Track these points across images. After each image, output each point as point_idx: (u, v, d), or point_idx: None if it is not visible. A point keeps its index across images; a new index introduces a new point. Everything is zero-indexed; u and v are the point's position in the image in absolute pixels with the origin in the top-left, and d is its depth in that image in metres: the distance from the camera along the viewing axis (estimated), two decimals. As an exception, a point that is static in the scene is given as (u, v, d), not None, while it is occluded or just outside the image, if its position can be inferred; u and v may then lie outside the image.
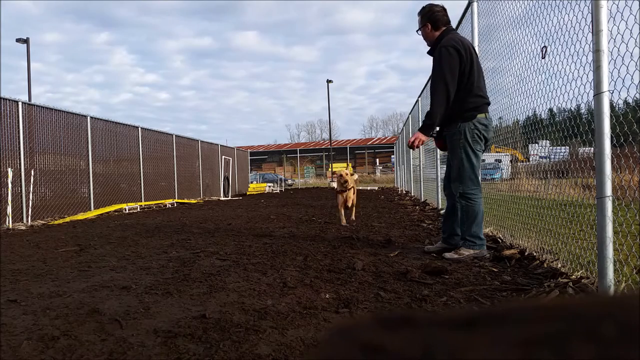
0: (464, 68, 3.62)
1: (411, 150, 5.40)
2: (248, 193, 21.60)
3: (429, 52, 3.96)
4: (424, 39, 3.97)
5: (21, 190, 8.73)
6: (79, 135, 10.75)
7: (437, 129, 3.93)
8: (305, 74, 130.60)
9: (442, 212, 6.30)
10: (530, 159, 4.84)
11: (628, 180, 2.55)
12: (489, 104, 3.82)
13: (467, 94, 3.65)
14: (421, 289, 2.81)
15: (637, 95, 2.31)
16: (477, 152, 3.71)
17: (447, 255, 3.70)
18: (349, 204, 6.52)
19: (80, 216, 9.43)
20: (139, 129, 13.32)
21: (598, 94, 2.38)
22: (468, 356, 0.24)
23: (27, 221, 8.61)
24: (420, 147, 4.24)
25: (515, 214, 4.24)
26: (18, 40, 20.30)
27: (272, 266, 3.57)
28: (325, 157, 52.06)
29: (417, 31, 4.01)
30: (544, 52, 3.34)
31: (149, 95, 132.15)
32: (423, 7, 3.93)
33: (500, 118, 4.91)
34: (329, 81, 33.74)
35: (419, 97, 10.57)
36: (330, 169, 36.90)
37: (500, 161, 6.99)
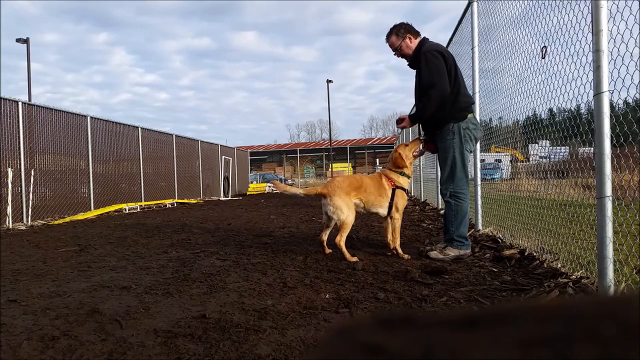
0: (450, 69, 3.70)
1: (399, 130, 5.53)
2: (248, 193, 21.60)
3: (410, 65, 4.00)
4: (404, 54, 3.94)
5: (21, 190, 8.72)
6: (79, 135, 10.75)
7: (423, 133, 4.00)
8: (305, 74, 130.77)
9: (442, 212, 6.29)
10: (530, 159, 4.84)
11: (628, 180, 2.55)
12: (474, 103, 3.96)
13: (457, 95, 3.73)
14: (421, 289, 2.81)
15: (637, 95, 2.31)
16: (469, 152, 3.81)
17: (432, 254, 3.72)
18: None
19: (80, 216, 9.43)
20: (139, 129, 13.32)
21: (598, 94, 2.38)
22: (468, 356, 0.24)
23: (27, 221, 8.60)
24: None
25: (515, 214, 4.24)
26: (18, 40, 20.26)
27: (272, 266, 3.57)
28: (325, 157, 52.04)
29: (395, 53, 3.97)
30: (543, 52, 3.34)
31: (149, 96, 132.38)
32: (394, 26, 3.95)
33: (500, 118, 4.90)
34: (328, 81, 33.69)
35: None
36: (330, 169, 36.87)
37: (500, 161, 6.98)
